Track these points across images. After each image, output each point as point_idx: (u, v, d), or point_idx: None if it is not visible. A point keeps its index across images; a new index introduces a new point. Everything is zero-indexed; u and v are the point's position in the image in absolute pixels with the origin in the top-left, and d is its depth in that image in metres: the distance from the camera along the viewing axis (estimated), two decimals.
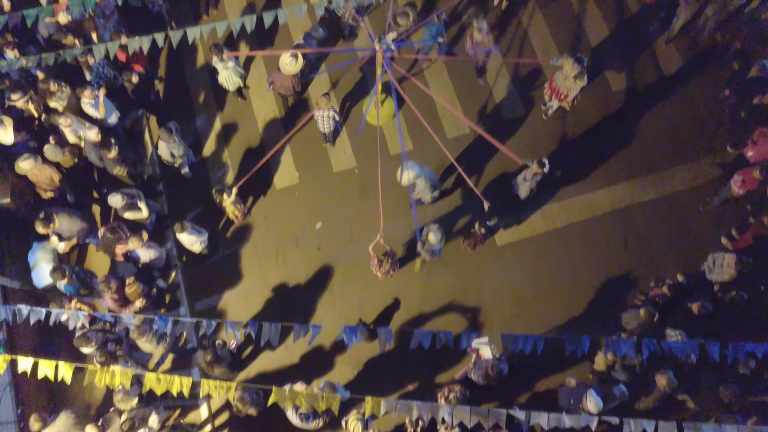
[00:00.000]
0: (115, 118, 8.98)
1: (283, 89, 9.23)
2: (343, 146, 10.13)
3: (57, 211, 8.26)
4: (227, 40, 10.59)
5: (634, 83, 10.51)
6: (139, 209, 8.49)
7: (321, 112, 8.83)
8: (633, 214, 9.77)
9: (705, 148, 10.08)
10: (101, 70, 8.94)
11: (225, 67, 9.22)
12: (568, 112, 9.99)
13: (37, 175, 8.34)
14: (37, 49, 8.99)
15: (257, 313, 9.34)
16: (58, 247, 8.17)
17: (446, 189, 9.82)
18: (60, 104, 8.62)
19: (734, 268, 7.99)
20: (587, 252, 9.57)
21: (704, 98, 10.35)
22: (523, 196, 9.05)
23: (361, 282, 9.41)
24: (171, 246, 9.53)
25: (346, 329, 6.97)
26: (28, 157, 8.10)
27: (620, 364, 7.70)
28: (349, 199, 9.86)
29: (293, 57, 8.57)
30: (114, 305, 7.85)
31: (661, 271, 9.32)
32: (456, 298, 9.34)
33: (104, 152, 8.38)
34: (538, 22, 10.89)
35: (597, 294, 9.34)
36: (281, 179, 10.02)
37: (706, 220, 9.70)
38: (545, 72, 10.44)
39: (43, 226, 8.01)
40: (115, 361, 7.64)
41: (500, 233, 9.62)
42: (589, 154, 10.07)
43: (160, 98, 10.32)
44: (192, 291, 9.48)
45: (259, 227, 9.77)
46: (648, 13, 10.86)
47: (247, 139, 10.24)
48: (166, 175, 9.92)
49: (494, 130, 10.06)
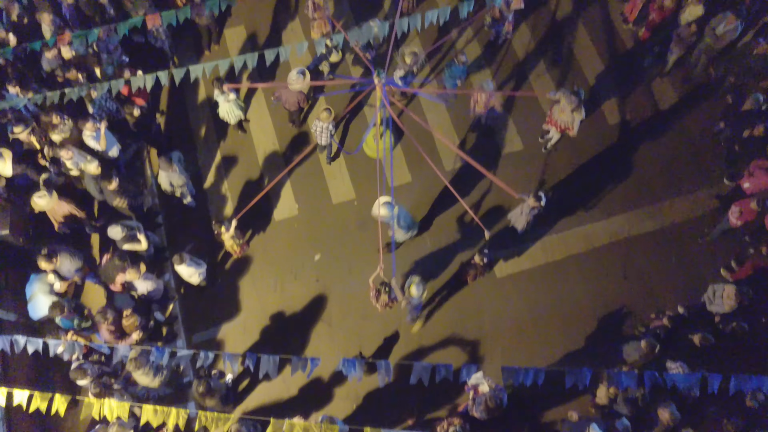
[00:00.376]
0: (116, 151, 9.06)
1: (288, 104, 9.41)
2: (343, 178, 10.19)
3: (59, 249, 8.23)
4: (228, 74, 10.74)
5: (630, 116, 10.64)
6: (139, 241, 8.48)
7: (321, 124, 9.08)
8: (632, 245, 9.78)
9: (702, 180, 10.17)
10: (104, 103, 9.07)
11: (226, 100, 9.35)
12: (564, 141, 10.07)
13: (55, 210, 8.39)
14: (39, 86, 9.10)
15: (255, 346, 9.25)
16: (55, 285, 8.12)
17: (444, 221, 9.84)
18: (62, 136, 8.69)
19: (734, 299, 7.96)
20: (587, 283, 9.55)
21: (699, 131, 10.48)
22: (521, 229, 9.08)
23: (360, 314, 9.35)
24: (169, 277, 9.49)
25: (344, 362, 6.89)
26: (44, 194, 8.12)
27: (622, 397, 7.60)
28: (348, 231, 9.87)
29: (300, 73, 8.75)
30: (110, 337, 7.77)
31: (660, 303, 9.28)
32: (456, 331, 9.27)
33: (105, 184, 8.42)
34: (534, 57, 11.09)
35: (597, 326, 9.28)
36: (280, 211, 10.05)
37: (704, 251, 9.71)
38: (542, 105, 10.57)
39: (46, 263, 7.96)
40: (110, 395, 7.53)
41: (500, 265, 9.61)
42: (587, 186, 10.14)
43: (161, 131, 10.41)
44: (189, 323, 9.41)
45: (258, 259, 9.75)
46: (642, 48, 11.06)
47: (247, 172, 10.30)
48: (166, 207, 9.94)
49: (492, 163, 10.20)
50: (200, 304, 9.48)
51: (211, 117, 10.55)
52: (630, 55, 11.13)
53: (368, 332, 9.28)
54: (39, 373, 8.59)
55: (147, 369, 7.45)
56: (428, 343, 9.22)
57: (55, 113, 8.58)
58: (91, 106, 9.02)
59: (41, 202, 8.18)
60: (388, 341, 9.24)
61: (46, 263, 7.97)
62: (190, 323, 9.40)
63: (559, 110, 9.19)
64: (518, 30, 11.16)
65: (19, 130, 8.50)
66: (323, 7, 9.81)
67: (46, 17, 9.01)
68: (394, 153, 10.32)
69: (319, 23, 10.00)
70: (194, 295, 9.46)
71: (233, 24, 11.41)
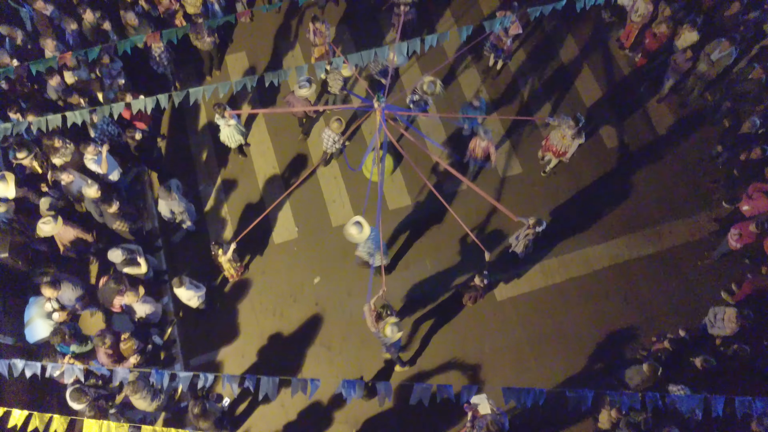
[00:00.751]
0: (116, 174, 9.09)
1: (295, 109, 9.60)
2: (342, 201, 10.23)
3: (62, 277, 8.18)
4: (230, 99, 10.87)
5: (628, 140, 10.74)
6: (138, 264, 8.47)
7: (331, 134, 9.24)
8: (632, 268, 9.77)
9: (700, 204, 10.21)
10: (105, 127, 9.13)
11: (227, 125, 9.42)
12: (563, 164, 10.14)
13: (60, 235, 8.38)
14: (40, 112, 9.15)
15: (253, 370, 9.15)
16: (54, 315, 8.04)
17: (444, 243, 9.85)
18: (63, 160, 8.74)
19: (735, 322, 7.93)
20: (587, 307, 9.51)
21: (697, 155, 10.57)
22: (520, 252, 9.08)
23: (359, 338, 9.29)
24: (168, 301, 9.45)
25: (344, 383, 6.82)
26: (49, 220, 8.10)
27: (625, 421, 7.51)
28: (347, 254, 9.84)
29: (306, 81, 8.95)
30: (108, 361, 7.71)
31: (661, 326, 9.24)
32: (456, 354, 9.20)
33: (105, 207, 8.44)
34: (532, 81, 11.24)
35: (598, 349, 9.22)
36: (280, 234, 10.06)
37: (705, 274, 9.71)
38: (541, 129, 10.67)
39: (51, 290, 7.87)
40: (106, 419, 7.44)
41: (500, 288, 9.59)
42: (586, 209, 10.18)
43: (162, 155, 10.48)
44: (188, 347, 9.33)
45: (257, 282, 9.72)
46: (639, 73, 11.21)
47: (247, 196, 10.33)
48: (166, 231, 9.95)
49: (491, 186, 10.24)
50: (199, 327, 9.42)
51: (211, 141, 10.63)
52: (627, 81, 11.28)
53: (368, 356, 9.21)
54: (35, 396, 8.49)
55: (145, 393, 7.38)
56: (428, 367, 9.15)
57: (57, 137, 8.64)
58: (93, 130, 9.08)
59: (47, 228, 8.15)
60: (389, 365, 9.16)
61: (51, 290, 7.86)
62: (188, 347, 9.33)
63: (560, 135, 9.28)
64: (516, 55, 11.32)
65: (22, 156, 8.52)
66: (325, 34, 9.95)
67: (49, 44, 9.11)
68: (394, 176, 10.39)
69: (320, 49, 10.14)
70: (193, 319, 9.41)
71: (234, 50, 11.57)
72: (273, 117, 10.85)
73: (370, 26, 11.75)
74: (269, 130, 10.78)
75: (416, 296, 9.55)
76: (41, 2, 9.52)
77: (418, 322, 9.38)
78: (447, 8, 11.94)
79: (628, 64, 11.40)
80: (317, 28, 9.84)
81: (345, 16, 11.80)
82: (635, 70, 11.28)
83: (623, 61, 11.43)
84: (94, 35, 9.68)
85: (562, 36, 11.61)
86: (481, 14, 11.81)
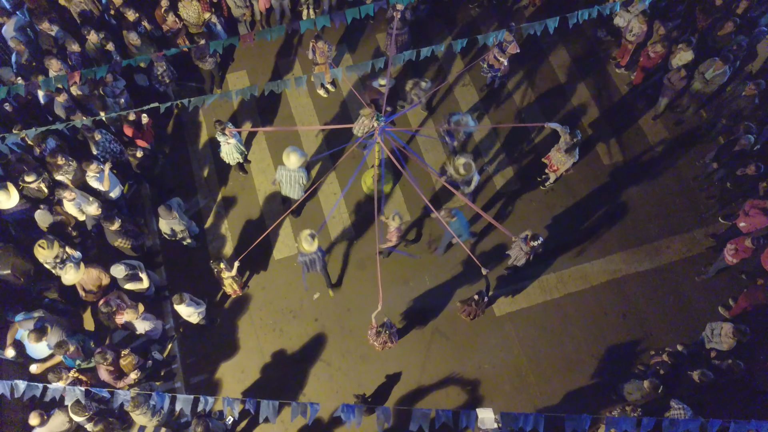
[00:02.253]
0: (118, 192, 9.19)
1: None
2: (341, 217, 10.31)
3: (51, 322, 8.03)
4: (231, 117, 10.98)
5: (625, 157, 10.85)
6: (140, 279, 8.54)
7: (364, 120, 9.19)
8: (629, 284, 9.84)
9: (697, 220, 10.31)
10: (107, 144, 9.23)
11: (227, 143, 9.52)
12: (561, 181, 10.24)
13: (84, 280, 8.39)
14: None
15: (253, 386, 9.19)
16: (30, 368, 7.96)
17: (442, 259, 9.91)
18: (66, 178, 8.83)
19: (732, 337, 7.99)
20: (586, 322, 9.56)
21: (693, 171, 10.69)
22: (520, 264, 9.12)
23: (359, 354, 9.33)
24: (168, 317, 9.49)
25: (344, 407, 6.85)
26: (71, 268, 8.10)
27: None
28: (347, 270, 9.92)
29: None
30: (109, 377, 7.74)
31: (659, 341, 9.30)
32: (455, 371, 9.23)
33: (107, 225, 8.51)
34: (529, 99, 11.37)
35: (597, 365, 9.26)
36: (280, 250, 10.12)
37: (702, 289, 9.78)
38: (539, 147, 10.78)
39: (36, 338, 7.76)
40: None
41: (499, 303, 9.64)
42: (583, 225, 10.26)
43: (163, 172, 10.57)
44: (188, 363, 9.37)
45: (257, 298, 9.77)
46: (635, 91, 11.35)
47: (248, 212, 10.42)
48: (166, 247, 10.01)
49: (489, 203, 10.33)
50: (199, 343, 9.46)
51: (212, 158, 10.74)
52: (623, 98, 11.43)
53: (367, 372, 9.24)
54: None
55: (145, 409, 7.41)
56: (427, 383, 9.17)
57: (60, 154, 8.73)
58: (95, 147, 9.18)
59: (69, 276, 8.12)
60: (388, 381, 9.19)
61: (37, 339, 7.73)
62: (188, 362, 9.36)
63: (556, 149, 9.40)
64: (514, 73, 11.45)
65: (30, 179, 8.56)
66: (326, 53, 10.09)
67: (54, 64, 9.23)
68: (393, 192, 10.47)
69: (321, 68, 10.27)
70: (193, 335, 9.46)
71: (235, 69, 11.71)
72: (273, 134, 10.97)
73: (369, 45, 11.91)
74: (270, 147, 10.89)
75: (415, 311, 9.61)
76: (47, 23, 9.66)
77: (417, 338, 9.43)
78: (444, 29, 12.10)
79: (624, 81, 11.55)
80: (318, 47, 9.97)
81: (345, 35, 11.95)
82: (631, 87, 11.43)
83: (619, 79, 11.59)
84: (97, 55, 9.81)
85: (558, 54, 11.77)
86: (480, 33, 11.93)
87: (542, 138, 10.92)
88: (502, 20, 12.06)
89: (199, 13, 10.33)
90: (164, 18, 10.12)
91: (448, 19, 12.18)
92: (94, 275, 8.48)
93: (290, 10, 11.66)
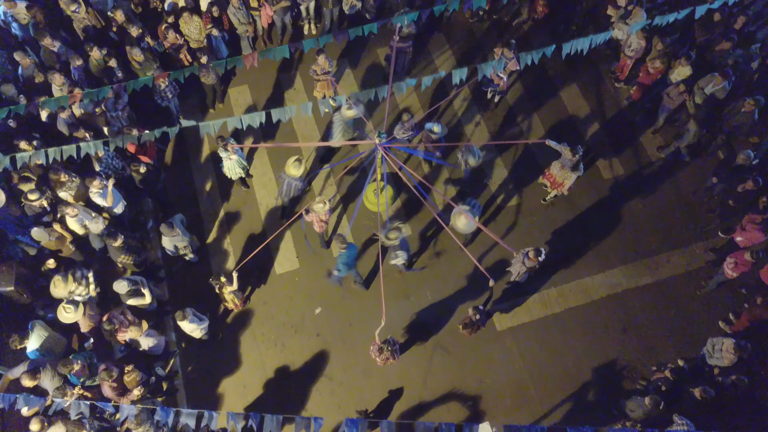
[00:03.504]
0: (121, 208, 9.21)
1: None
2: (343, 231, 10.34)
3: (43, 364, 7.88)
4: (233, 132, 11.02)
5: (625, 171, 10.91)
6: (143, 295, 8.56)
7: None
8: (630, 298, 9.88)
9: (696, 234, 10.36)
10: (110, 161, 9.27)
11: (229, 158, 9.57)
12: (561, 196, 10.29)
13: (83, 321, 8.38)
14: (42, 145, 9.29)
15: (256, 401, 9.20)
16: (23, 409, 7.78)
17: (445, 273, 9.95)
18: (69, 194, 8.86)
19: (733, 353, 8.01)
20: (586, 337, 9.59)
21: (693, 186, 10.74)
22: (521, 280, 9.16)
23: (361, 369, 9.35)
24: (171, 332, 9.50)
25: (348, 422, 6.86)
26: (71, 308, 8.06)
27: None
28: (348, 284, 9.94)
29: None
30: (112, 393, 7.75)
31: (660, 356, 9.32)
32: (457, 386, 9.25)
33: (110, 242, 8.54)
34: (529, 115, 11.43)
35: (598, 380, 9.29)
36: (281, 264, 10.15)
37: (702, 303, 9.82)
38: (539, 161, 10.84)
39: (29, 381, 7.62)
40: None
41: (500, 317, 9.67)
42: (583, 239, 10.31)
43: (166, 188, 10.60)
44: (190, 378, 9.37)
45: (259, 313, 9.79)
46: (634, 105, 11.43)
47: (250, 227, 10.44)
48: (168, 262, 10.03)
49: (490, 217, 10.37)
50: (201, 358, 9.47)
51: (214, 173, 10.77)
52: (622, 112, 11.50)
53: (370, 387, 9.25)
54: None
55: (148, 426, 7.40)
56: (429, 398, 9.19)
57: (63, 171, 8.77)
58: (98, 163, 9.22)
59: (69, 316, 8.09)
60: (390, 396, 9.20)
61: (29, 381, 7.59)
62: (190, 378, 9.37)
63: (560, 165, 9.47)
64: (512, 88, 11.52)
65: (34, 198, 8.59)
66: (329, 70, 10.16)
67: (57, 78, 9.28)
68: (394, 206, 10.51)
69: (323, 84, 10.34)
70: (195, 350, 9.47)
71: (237, 83, 11.77)
72: (275, 149, 11.01)
73: (370, 60, 11.99)
74: (271, 162, 10.93)
75: (416, 326, 9.63)
76: (49, 39, 9.71)
77: (418, 352, 9.45)
78: (445, 44, 12.17)
79: (623, 95, 11.63)
80: (319, 62, 10.03)
81: (346, 49, 12.02)
82: (630, 102, 11.51)
83: (618, 93, 11.67)
84: (100, 71, 9.87)
85: (557, 68, 11.85)
86: (478, 48, 12.06)
87: (543, 152, 10.96)
88: (500, 35, 12.14)
89: (200, 29, 10.39)
90: (165, 35, 10.18)
91: (448, 32, 12.26)
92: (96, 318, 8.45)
93: (292, 25, 11.75)
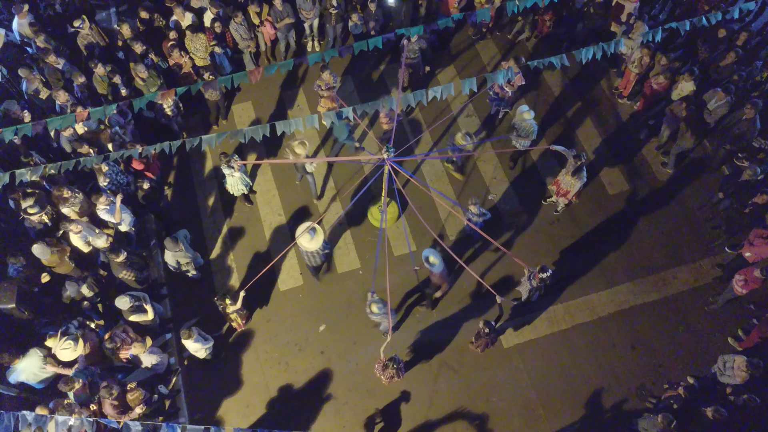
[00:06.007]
0: (129, 224, 9.15)
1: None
2: (348, 248, 10.27)
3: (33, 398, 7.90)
4: (236, 148, 11.00)
5: (630, 187, 10.86)
6: (145, 311, 8.46)
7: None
8: (637, 315, 9.77)
9: (703, 250, 10.28)
10: (115, 176, 9.23)
11: (231, 175, 9.53)
12: (567, 211, 10.22)
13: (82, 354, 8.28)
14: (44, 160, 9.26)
15: (259, 421, 9.04)
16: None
17: (451, 292, 9.84)
18: (72, 210, 8.80)
19: (745, 371, 7.87)
20: (594, 354, 9.46)
21: (698, 201, 10.69)
22: (529, 298, 9.07)
23: (365, 388, 9.21)
24: (173, 351, 9.38)
25: None
26: (69, 345, 7.97)
27: None
28: (353, 302, 9.84)
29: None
30: (113, 412, 7.61)
31: (669, 373, 9.19)
32: (464, 405, 9.10)
33: (112, 257, 8.47)
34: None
35: (607, 397, 9.14)
36: (285, 282, 10.05)
37: (711, 320, 9.70)
38: (543, 177, 10.80)
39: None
40: None
41: (506, 335, 9.55)
42: (590, 256, 10.22)
43: (169, 203, 10.56)
44: (192, 397, 9.22)
45: (262, 331, 9.67)
46: (638, 121, 11.42)
47: (253, 244, 10.37)
48: (171, 279, 9.94)
49: (494, 234, 10.28)
50: (204, 377, 9.33)
51: (217, 189, 10.73)
52: (626, 127, 11.49)
53: (374, 406, 9.09)
54: None
55: None
56: (435, 417, 9.03)
57: (66, 187, 8.73)
58: (103, 179, 9.18)
59: (66, 353, 8.00)
60: (395, 416, 9.05)
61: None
62: (193, 396, 9.22)
63: (565, 172, 9.46)
64: (518, 102, 11.50)
65: (34, 212, 8.54)
66: (334, 86, 10.17)
67: (61, 95, 9.29)
68: (400, 222, 10.44)
69: (326, 99, 10.34)
70: (197, 368, 9.33)
71: (241, 99, 11.79)
72: (279, 165, 10.98)
73: (375, 75, 12.02)
74: (275, 179, 10.90)
75: (422, 344, 9.51)
76: (53, 56, 9.73)
77: (424, 371, 9.31)
78: (450, 60, 12.21)
79: (627, 111, 11.62)
80: (324, 78, 10.04)
81: (350, 65, 12.06)
82: (634, 117, 11.51)
83: (622, 109, 11.67)
84: (104, 88, 9.86)
85: (561, 83, 11.87)
86: (483, 64, 12.10)
87: (547, 167, 10.93)
88: (504, 51, 12.18)
89: (206, 47, 10.42)
90: (170, 52, 10.20)
91: (451, 47, 12.31)
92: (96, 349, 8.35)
93: (295, 42, 11.80)
